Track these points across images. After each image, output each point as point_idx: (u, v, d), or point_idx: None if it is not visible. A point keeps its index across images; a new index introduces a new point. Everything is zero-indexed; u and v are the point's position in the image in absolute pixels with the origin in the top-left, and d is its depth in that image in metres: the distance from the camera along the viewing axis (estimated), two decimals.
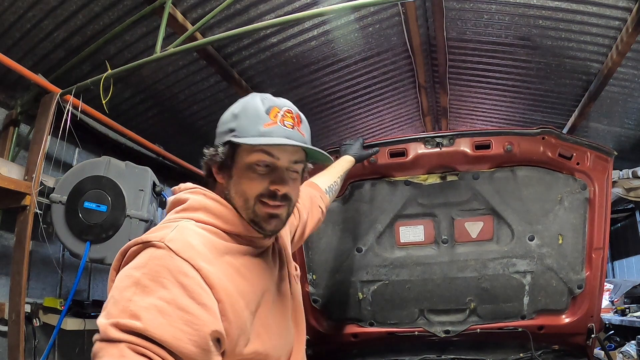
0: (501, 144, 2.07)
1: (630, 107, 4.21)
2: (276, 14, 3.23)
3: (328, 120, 5.06)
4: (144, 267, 0.84)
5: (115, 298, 0.82)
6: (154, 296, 0.81)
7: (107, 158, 3.03)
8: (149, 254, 0.86)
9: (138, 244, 0.89)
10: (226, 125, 1.03)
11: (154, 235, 0.89)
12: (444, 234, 2.30)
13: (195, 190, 1.03)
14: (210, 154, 1.04)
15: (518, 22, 3.53)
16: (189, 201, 1.00)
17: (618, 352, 4.22)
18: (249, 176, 1.00)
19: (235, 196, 1.01)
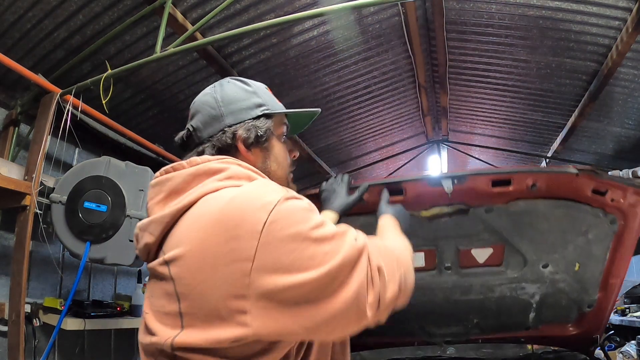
0: (524, 182, 1.81)
1: (630, 107, 4.21)
2: (276, 14, 3.23)
3: (328, 120, 5.06)
4: (302, 219, 0.81)
5: (308, 253, 0.78)
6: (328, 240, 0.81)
7: (107, 158, 3.03)
8: (291, 207, 0.83)
9: (270, 210, 0.80)
10: (249, 101, 1.04)
11: (271, 196, 0.82)
12: (447, 261, 2.11)
13: (226, 159, 0.95)
14: (246, 128, 1.00)
15: (518, 22, 3.53)
16: (229, 170, 0.91)
17: (618, 352, 4.22)
18: (282, 147, 1.07)
19: (276, 167, 1.04)
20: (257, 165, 1.00)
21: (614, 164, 5.27)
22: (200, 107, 1.04)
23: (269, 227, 0.78)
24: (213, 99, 1.03)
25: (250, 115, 1.02)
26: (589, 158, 5.62)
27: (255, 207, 0.80)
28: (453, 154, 6.74)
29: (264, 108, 1.04)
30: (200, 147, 1.01)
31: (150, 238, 0.89)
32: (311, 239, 0.79)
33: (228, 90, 1.05)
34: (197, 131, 1.02)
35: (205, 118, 1.02)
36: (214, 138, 1.00)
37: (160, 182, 0.94)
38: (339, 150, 5.94)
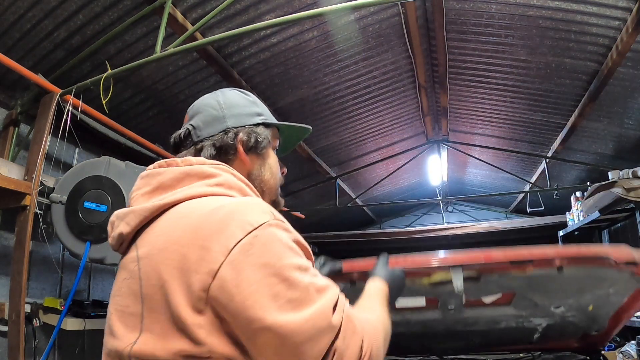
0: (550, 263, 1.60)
1: (630, 107, 4.21)
2: (276, 14, 3.23)
3: (328, 120, 5.06)
4: (284, 250, 0.77)
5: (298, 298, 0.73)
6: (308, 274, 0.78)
7: (107, 158, 3.03)
8: (274, 235, 0.78)
9: (250, 231, 0.76)
10: (249, 109, 1.06)
11: (257, 217, 0.78)
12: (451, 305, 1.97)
13: (221, 166, 0.93)
14: (247, 132, 1.01)
15: (518, 22, 3.53)
16: (221, 177, 0.90)
17: (618, 352, 4.22)
18: (274, 158, 1.08)
19: (269, 177, 1.05)
20: (252, 170, 1.01)
21: (614, 164, 5.27)
22: (201, 109, 1.04)
23: (241, 247, 0.74)
24: (215, 102, 1.04)
25: (251, 121, 1.03)
26: (589, 158, 5.62)
27: (235, 223, 0.77)
28: (453, 154, 6.74)
29: (263, 117, 1.06)
30: (199, 145, 0.99)
31: (125, 228, 0.87)
32: (281, 277, 0.74)
33: (230, 95, 1.07)
34: (197, 129, 1.01)
35: (207, 118, 1.02)
36: (214, 137, 0.99)
37: (150, 175, 0.92)
38: (339, 150, 5.95)
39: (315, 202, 7.50)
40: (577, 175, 6.41)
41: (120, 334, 0.79)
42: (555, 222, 6.80)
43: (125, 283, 0.83)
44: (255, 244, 0.75)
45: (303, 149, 5.34)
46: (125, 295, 0.82)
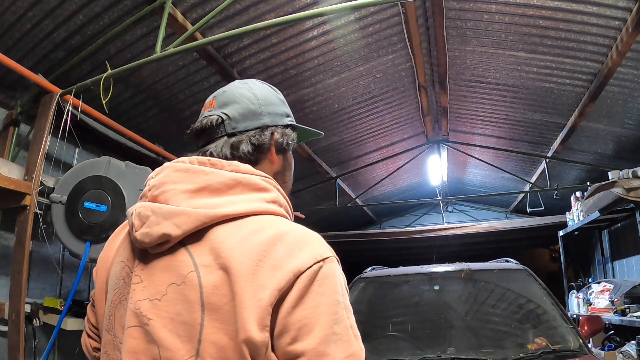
0: None
1: (630, 107, 4.21)
2: (276, 14, 3.23)
3: (328, 120, 5.06)
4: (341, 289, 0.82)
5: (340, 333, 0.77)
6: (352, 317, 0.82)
7: (107, 158, 3.03)
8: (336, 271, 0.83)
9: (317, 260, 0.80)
10: (281, 108, 1.05)
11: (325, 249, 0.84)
12: None
13: (269, 180, 0.92)
14: (281, 133, 1.00)
15: (518, 22, 3.53)
16: (273, 193, 0.90)
17: (618, 352, 4.22)
18: (293, 160, 1.08)
19: (288, 177, 1.06)
20: (278, 171, 1.01)
21: (614, 164, 5.27)
22: (237, 98, 0.99)
23: (311, 273, 0.78)
24: (252, 94, 1.00)
25: (283, 122, 1.02)
26: (589, 158, 5.62)
27: (307, 250, 0.80)
28: (453, 154, 6.74)
29: (291, 119, 1.06)
30: (234, 138, 0.95)
31: (174, 230, 0.80)
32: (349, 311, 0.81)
33: (264, 90, 1.04)
34: (232, 120, 0.96)
35: (244, 110, 0.98)
36: (250, 132, 0.96)
37: (191, 171, 0.86)
38: (339, 150, 5.95)
39: (315, 202, 7.50)
40: (577, 175, 6.41)
41: (170, 344, 0.76)
42: (555, 222, 6.80)
43: (173, 289, 0.79)
44: (321, 273, 0.79)
45: (303, 149, 5.34)
46: (174, 301, 0.78)
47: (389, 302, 3.23)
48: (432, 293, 3.09)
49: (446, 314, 2.83)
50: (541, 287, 2.92)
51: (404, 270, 3.45)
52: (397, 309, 3.15)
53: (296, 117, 1.10)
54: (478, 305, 2.95)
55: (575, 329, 2.57)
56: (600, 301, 5.02)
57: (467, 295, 3.05)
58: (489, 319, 2.84)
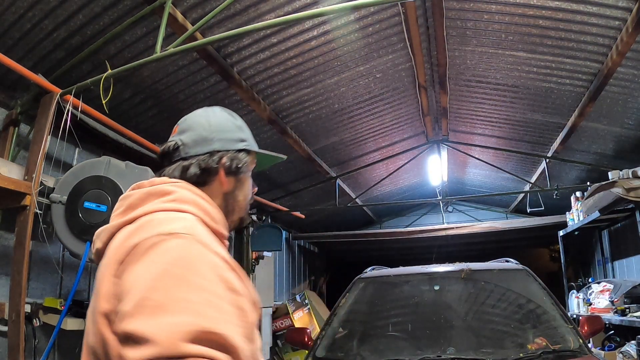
0: None
1: (630, 107, 4.21)
2: (276, 14, 3.23)
3: (328, 120, 5.06)
4: (183, 262, 0.81)
5: (160, 299, 0.75)
6: (206, 292, 0.79)
7: (107, 158, 3.03)
8: (183, 247, 0.84)
9: (157, 234, 0.85)
10: (235, 134, 1.14)
11: (175, 227, 0.87)
12: None
13: (180, 184, 1.03)
14: (230, 157, 1.10)
15: (518, 22, 3.53)
16: (176, 194, 1.00)
17: (618, 352, 4.22)
18: (249, 181, 1.17)
19: (242, 198, 1.14)
20: (228, 191, 1.10)
21: (614, 164, 5.27)
22: (192, 126, 1.12)
23: (146, 245, 0.84)
24: (207, 122, 1.12)
25: (235, 147, 1.12)
26: (589, 158, 5.62)
27: (157, 228, 0.87)
28: (453, 154, 6.74)
29: (246, 144, 1.15)
30: (186, 162, 1.07)
31: (99, 244, 0.98)
32: (183, 285, 0.79)
33: (220, 118, 1.15)
34: (186, 146, 1.09)
35: (196, 137, 1.10)
36: (200, 157, 1.08)
37: (124, 197, 1.03)
38: (339, 150, 5.95)
39: (315, 202, 7.50)
40: (577, 175, 6.41)
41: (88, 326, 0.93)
42: (555, 222, 6.81)
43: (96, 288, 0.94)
44: (160, 246, 0.84)
45: (303, 149, 5.34)
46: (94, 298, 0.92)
47: (389, 302, 3.23)
48: (432, 293, 3.09)
49: (446, 314, 2.83)
50: (541, 287, 2.92)
51: (404, 270, 3.45)
52: (397, 309, 3.16)
53: (296, 117, 1.12)
54: (478, 305, 2.95)
55: (575, 329, 2.57)
56: (600, 301, 5.02)
57: (467, 295, 3.05)
58: (489, 319, 2.84)
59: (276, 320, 7.11)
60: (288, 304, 7.30)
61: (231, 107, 4.15)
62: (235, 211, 1.13)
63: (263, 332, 6.64)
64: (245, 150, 1.13)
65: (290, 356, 6.99)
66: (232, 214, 1.12)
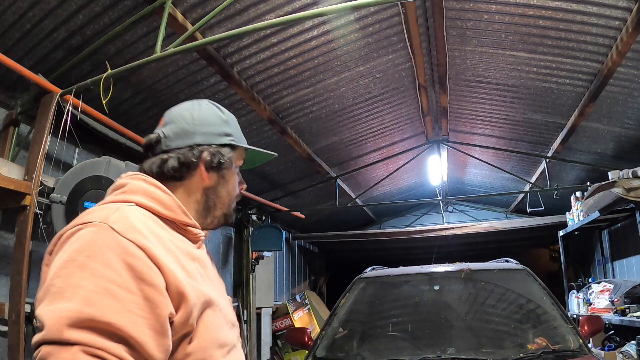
0: None
1: (630, 107, 4.21)
2: (276, 14, 3.23)
3: (328, 120, 5.06)
4: (88, 249, 0.81)
5: (59, 285, 0.77)
6: (103, 279, 0.77)
7: (107, 158, 3.03)
8: (91, 234, 0.83)
9: (77, 224, 0.87)
10: (219, 128, 1.11)
11: (94, 216, 0.87)
12: None
13: (136, 175, 1.04)
14: (212, 152, 1.07)
15: (518, 22, 3.53)
16: (128, 185, 1.00)
17: (618, 352, 4.22)
18: (234, 177, 1.14)
19: (225, 195, 1.11)
20: (210, 187, 1.09)
21: (614, 164, 5.27)
22: (176, 119, 1.11)
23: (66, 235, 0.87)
24: (190, 115, 1.10)
25: (218, 141, 1.09)
26: (589, 158, 5.62)
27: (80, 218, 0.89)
28: (453, 154, 6.74)
29: (231, 139, 1.12)
30: (165, 155, 1.06)
31: None
32: (85, 271, 0.79)
33: (205, 111, 1.12)
34: (167, 139, 1.08)
35: (178, 130, 1.08)
36: (181, 150, 1.06)
37: None
38: (339, 150, 5.94)
39: (315, 202, 7.50)
40: (577, 175, 6.41)
41: None
42: (555, 222, 6.81)
43: None
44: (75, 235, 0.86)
45: (303, 149, 5.34)
46: None
47: (389, 302, 3.23)
48: (432, 293, 3.09)
49: (446, 314, 2.83)
50: (541, 287, 2.92)
51: (404, 270, 3.45)
52: (397, 309, 3.16)
53: (296, 117, 1.12)
54: (478, 305, 2.95)
55: (575, 329, 2.57)
56: (600, 301, 5.02)
57: (467, 295, 3.05)
58: (489, 319, 2.84)
59: (276, 320, 7.12)
60: (288, 304, 7.30)
61: (231, 107, 4.16)
62: (217, 207, 1.10)
63: (263, 332, 6.64)
64: (230, 145, 1.11)
65: (290, 356, 6.99)
66: (214, 210, 1.10)
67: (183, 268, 0.92)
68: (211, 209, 1.10)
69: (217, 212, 1.11)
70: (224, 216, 1.13)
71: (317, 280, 10.03)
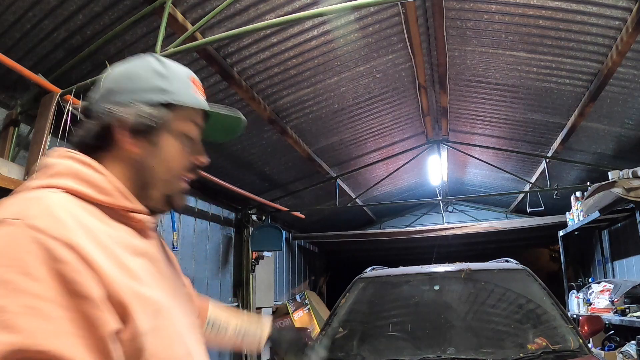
0: None
1: (630, 107, 4.21)
2: (276, 14, 3.23)
3: (328, 120, 5.06)
4: (2, 257, 0.63)
5: None
6: (27, 295, 0.61)
7: None
8: (6, 237, 0.65)
9: None
10: (150, 83, 0.89)
11: (9, 211, 0.69)
12: None
13: (65, 153, 0.83)
14: (136, 113, 0.85)
15: (518, 22, 3.53)
16: (55, 167, 0.80)
17: (618, 352, 4.22)
18: (178, 147, 0.90)
19: (161, 168, 0.88)
20: (137, 158, 0.87)
21: (614, 164, 5.27)
22: (107, 78, 0.91)
23: None
24: (118, 71, 0.91)
25: (145, 99, 0.87)
26: (589, 158, 5.62)
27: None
28: (453, 154, 6.74)
29: (168, 96, 0.89)
30: (86, 122, 0.88)
31: None
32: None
33: (137, 65, 0.92)
34: (92, 103, 0.89)
35: (103, 90, 0.89)
36: (100, 114, 0.86)
37: None
38: (339, 150, 5.94)
39: (315, 202, 7.50)
40: (577, 175, 6.41)
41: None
42: (555, 222, 6.81)
43: None
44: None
45: (303, 149, 5.34)
46: None
47: (389, 302, 3.23)
48: (432, 293, 3.09)
49: (446, 314, 2.83)
50: (541, 287, 2.92)
51: (404, 270, 3.45)
52: (397, 309, 3.16)
53: (296, 117, 1.07)
54: (478, 305, 2.95)
55: (575, 329, 2.57)
56: (600, 301, 5.02)
57: (467, 295, 3.05)
58: (489, 319, 2.84)
59: (276, 320, 7.12)
60: (288, 304, 7.31)
61: (231, 107, 4.16)
62: (152, 185, 0.88)
63: None
64: (167, 105, 0.88)
65: None
66: (150, 188, 0.88)
67: (124, 268, 0.74)
68: (145, 187, 0.87)
69: (155, 192, 0.88)
70: (165, 198, 0.90)
71: (317, 280, 10.04)
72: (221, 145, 4.72)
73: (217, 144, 1.00)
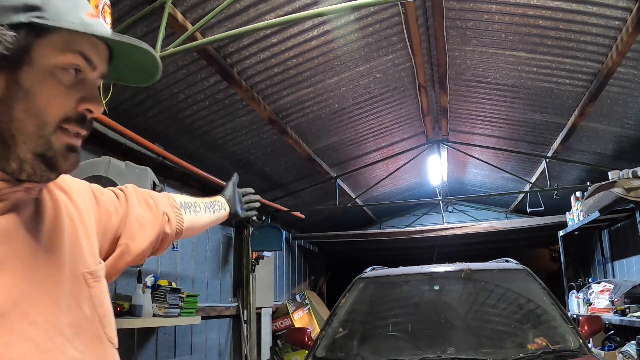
0: None
1: (630, 107, 4.21)
2: (276, 14, 3.23)
3: (328, 120, 5.06)
4: None
5: None
6: None
7: (107, 158, 3.03)
8: None
9: None
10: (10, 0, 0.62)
11: None
12: None
13: None
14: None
15: (518, 22, 3.53)
16: None
17: (618, 352, 4.22)
18: (52, 86, 0.65)
19: (23, 116, 0.63)
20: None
21: (614, 164, 5.27)
22: None
23: None
24: None
25: (5, 19, 0.61)
26: (589, 158, 5.62)
27: None
28: (453, 154, 6.74)
29: (35, 15, 0.62)
30: None
31: None
32: None
33: None
34: None
35: None
36: None
37: None
38: (339, 150, 5.95)
39: (315, 202, 7.50)
40: (577, 175, 6.41)
41: None
42: (555, 222, 6.81)
43: None
44: None
45: (303, 149, 5.34)
46: None
47: (389, 302, 3.23)
48: (432, 293, 3.09)
49: (446, 314, 2.84)
50: (541, 287, 2.92)
51: (404, 270, 3.45)
52: (397, 309, 3.16)
53: (296, 117, 1.06)
54: (478, 305, 2.95)
55: (575, 329, 2.58)
56: (600, 301, 5.02)
57: (467, 295, 3.06)
58: (489, 319, 2.84)
59: (276, 320, 7.12)
60: (288, 304, 7.30)
61: (231, 107, 4.17)
62: (18, 140, 0.64)
63: (263, 332, 6.65)
64: (32, 25, 0.62)
65: (290, 356, 6.99)
66: (14, 146, 0.64)
67: None
68: (5, 143, 0.63)
69: (21, 151, 0.64)
70: (39, 158, 0.66)
71: (317, 280, 10.04)
72: (221, 145, 4.73)
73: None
